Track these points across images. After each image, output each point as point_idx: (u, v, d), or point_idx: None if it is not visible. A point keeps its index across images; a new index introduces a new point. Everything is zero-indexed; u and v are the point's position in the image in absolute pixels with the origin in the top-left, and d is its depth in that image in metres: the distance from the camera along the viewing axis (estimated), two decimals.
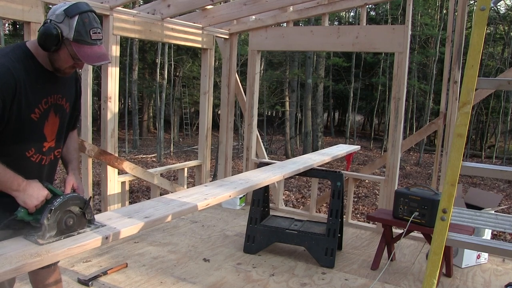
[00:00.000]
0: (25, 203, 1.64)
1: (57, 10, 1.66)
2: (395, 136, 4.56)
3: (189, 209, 2.24)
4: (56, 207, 1.64)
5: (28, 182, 1.67)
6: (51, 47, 1.65)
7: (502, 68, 16.20)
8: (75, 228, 1.73)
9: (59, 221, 1.66)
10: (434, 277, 1.59)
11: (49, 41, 1.64)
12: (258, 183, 2.88)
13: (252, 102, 5.47)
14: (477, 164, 1.77)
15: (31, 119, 1.71)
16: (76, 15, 1.63)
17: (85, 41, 1.65)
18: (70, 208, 1.70)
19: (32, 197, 1.65)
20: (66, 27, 1.63)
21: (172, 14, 4.52)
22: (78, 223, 1.74)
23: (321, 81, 15.67)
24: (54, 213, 1.63)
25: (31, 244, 1.61)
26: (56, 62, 1.71)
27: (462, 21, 4.23)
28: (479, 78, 1.61)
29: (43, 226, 1.61)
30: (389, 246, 3.84)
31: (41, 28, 1.64)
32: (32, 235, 1.65)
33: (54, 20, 1.65)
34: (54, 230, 1.65)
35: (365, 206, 9.08)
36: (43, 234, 1.62)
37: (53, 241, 1.64)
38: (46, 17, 1.68)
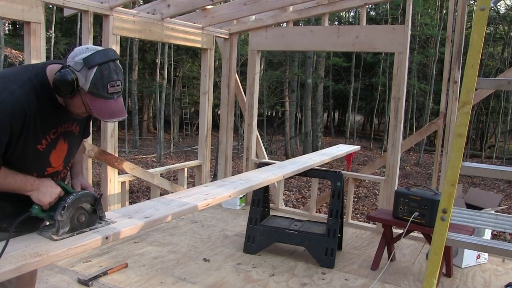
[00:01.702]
0: (39, 201, 1.68)
1: (77, 56, 1.61)
2: (395, 136, 4.56)
3: (189, 209, 2.24)
4: (69, 204, 1.69)
5: (41, 180, 1.70)
6: (65, 94, 1.60)
7: (502, 68, 16.20)
8: (87, 225, 1.78)
9: (72, 218, 1.71)
10: (434, 277, 1.59)
11: (63, 87, 1.58)
12: (258, 183, 2.88)
13: (252, 102, 5.47)
14: (477, 164, 1.77)
15: (37, 150, 1.70)
16: (95, 66, 1.57)
17: (100, 95, 1.60)
18: (82, 205, 1.75)
19: (46, 194, 1.68)
20: (83, 77, 1.58)
21: (172, 14, 4.52)
22: (90, 220, 1.79)
23: (321, 81, 15.67)
24: (67, 210, 1.68)
25: (32, 244, 1.61)
26: (70, 106, 1.69)
27: (462, 21, 4.23)
28: (479, 78, 1.61)
29: (57, 222, 1.67)
30: (389, 246, 3.84)
31: (57, 74, 1.59)
32: (46, 231, 1.70)
33: (72, 67, 1.59)
34: (67, 226, 1.70)
35: (365, 206, 9.08)
36: (57, 230, 1.67)
37: (67, 237, 1.69)
38: (66, 61, 1.63)
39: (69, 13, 4.35)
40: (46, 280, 3.21)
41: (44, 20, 3.46)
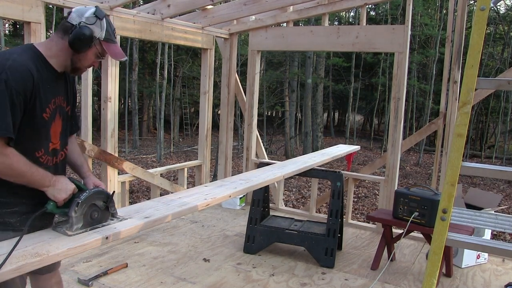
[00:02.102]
0: (54, 197, 1.72)
1: (85, 13, 1.75)
2: (395, 136, 4.56)
3: (189, 209, 2.24)
4: (83, 201, 1.73)
5: (57, 177, 1.76)
6: (84, 48, 1.74)
7: (502, 68, 16.20)
8: (100, 221, 1.82)
9: (85, 214, 1.76)
10: (434, 277, 1.59)
11: (83, 41, 1.72)
12: (258, 183, 2.88)
13: (252, 102, 5.47)
14: (477, 164, 1.77)
15: (43, 118, 1.75)
16: (104, 17, 1.77)
17: (112, 40, 1.82)
18: (95, 202, 1.80)
19: (61, 191, 1.73)
20: (98, 28, 1.75)
21: (172, 14, 4.52)
22: (102, 216, 1.84)
23: (321, 81, 15.67)
24: (81, 206, 1.73)
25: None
26: (80, 61, 1.80)
27: (462, 21, 4.23)
28: (479, 78, 1.61)
29: (71, 218, 1.71)
30: (389, 246, 3.84)
31: (74, 32, 1.71)
32: (60, 227, 1.74)
33: (85, 22, 1.73)
34: (81, 222, 1.74)
35: (365, 206, 9.08)
36: (71, 226, 1.72)
37: (80, 233, 1.73)
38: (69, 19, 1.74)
39: None
40: None
41: (44, 20, 3.46)
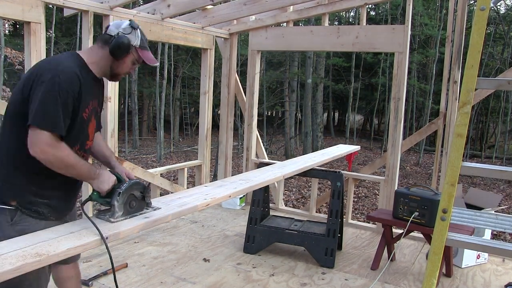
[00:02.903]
0: (98, 188, 1.91)
1: (122, 24, 1.98)
2: (395, 136, 4.56)
3: (189, 209, 2.24)
4: (123, 191, 1.90)
5: (100, 170, 1.94)
6: (123, 54, 1.96)
7: (502, 68, 16.20)
8: (137, 209, 1.99)
9: (125, 203, 1.93)
10: (434, 277, 1.59)
11: (122, 49, 1.94)
12: (258, 183, 2.88)
13: (252, 102, 5.47)
14: (477, 164, 1.77)
15: (83, 118, 1.94)
16: (138, 27, 2.00)
17: (146, 47, 2.04)
18: (133, 192, 1.96)
19: (104, 183, 1.91)
20: (133, 37, 1.97)
21: (172, 14, 4.52)
22: (139, 205, 2.00)
23: (321, 81, 15.68)
24: (122, 196, 1.90)
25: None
26: (118, 67, 2.02)
27: (462, 21, 4.23)
28: (479, 78, 1.61)
29: (113, 207, 1.88)
30: (389, 246, 3.84)
31: (114, 41, 1.93)
32: (103, 215, 1.91)
33: (123, 32, 1.95)
34: (121, 211, 1.91)
35: (365, 206, 9.08)
36: (113, 214, 1.88)
37: (121, 220, 1.90)
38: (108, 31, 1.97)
39: (69, 13, 4.34)
40: None
41: (44, 20, 3.46)
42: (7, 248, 1.56)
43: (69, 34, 17.32)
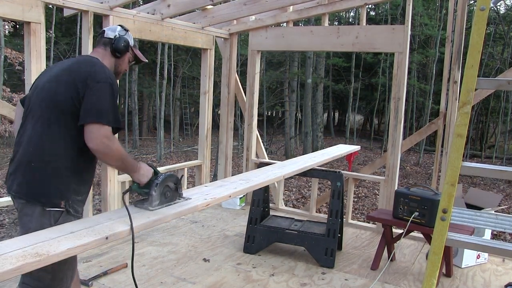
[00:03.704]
0: (139, 180, 2.08)
1: (116, 29, 2.24)
2: (395, 136, 4.56)
3: (189, 209, 2.24)
4: (160, 182, 2.08)
5: (141, 163, 2.11)
6: (124, 53, 2.23)
7: (502, 68, 16.20)
8: (171, 199, 2.17)
9: (161, 193, 2.10)
10: (434, 277, 1.59)
11: (124, 47, 2.21)
12: (258, 183, 2.87)
13: (252, 102, 5.47)
14: (477, 164, 1.77)
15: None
16: (128, 30, 2.28)
17: (136, 46, 2.32)
18: (168, 184, 2.14)
19: (144, 175, 2.08)
20: (129, 37, 2.25)
21: (172, 14, 4.52)
22: (173, 196, 2.18)
23: (321, 81, 15.68)
24: (159, 187, 2.08)
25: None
26: (120, 65, 2.26)
27: (462, 21, 4.23)
28: (479, 78, 1.61)
29: (152, 196, 2.05)
30: (389, 246, 3.84)
31: (117, 41, 2.19)
32: (141, 204, 2.09)
33: (119, 34, 2.22)
34: (158, 200, 2.08)
35: (365, 206, 9.08)
36: (151, 203, 2.06)
37: (158, 208, 2.07)
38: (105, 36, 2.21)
39: (69, 13, 4.34)
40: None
41: (44, 20, 3.46)
42: (7, 248, 1.56)
43: (69, 34, 17.32)
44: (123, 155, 1.96)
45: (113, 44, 2.19)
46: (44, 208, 1.92)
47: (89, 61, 2.07)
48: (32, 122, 1.98)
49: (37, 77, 2.21)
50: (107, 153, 1.89)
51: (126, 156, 1.99)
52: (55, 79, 2.00)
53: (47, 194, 1.93)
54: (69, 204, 1.99)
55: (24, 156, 1.95)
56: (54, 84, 1.98)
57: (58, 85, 1.96)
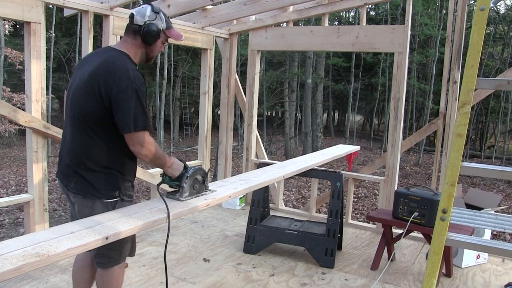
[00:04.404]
0: (171, 174, 2.26)
1: (145, 12, 2.16)
2: (394, 136, 4.56)
3: (189, 209, 2.24)
4: (190, 175, 2.27)
5: (172, 159, 2.27)
6: (155, 40, 2.20)
7: (501, 68, 16.20)
8: (199, 191, 2.37)
9: (191, 185, 2.30)
10: (434, 277, 1.59)
11: (154, 35, 2.18)
12: (258, 183, 2.88)
13: (252, 102, 5.47)
14: (477, 164, 1.77)
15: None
16: (159, 11, 2.21)
17: (170, 26, 2.27)
18: (196, 177, 2.33)
19: (176, 170, 2.26)
20: (159, 21, 2.19)
21: (172, 14, 4.51)
22: (200, 187, 2.37)
23: (321, 81, 15.67)
24: (189, 179, 2.27)
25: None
26: (153, 51, 2.26)
27: (462, 21, 4.24)
28: (479, 78, 1.61)
29: (183, 188, 2.26)
30: (389, 246, 3.84)
31: (144, 31, 2.15)
32: (173, 195, 2.29)
33: (149, 20, 2.16)
34: (188, 192, 2.29)
35: (365, 206, 9.08)
36: (182, 194, 2.26)
37: (188, 199, 2.28)
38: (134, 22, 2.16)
39: (69, 13, 4.34)
40: (46, 280, 3.21)
41: (44, 20, 3.46)
42: (7, 248, 1.57)
43: (69, 34, 17.32)
44: (158, 154, 2.14)
45: (142, 33, 2.15)
46: (102, 200, 2.15)
47: (112, 65, 2.05)
48: (70, 125, 2.16)
49: (77, 64, 2.36)
50: (146, 155, 2.09)
51: (161, 154, 2.16)
52: (84, 87, 2.07)
53: (103, 190, 2.14)
54: (122, 192, 2.21)
55: (73, 160, 2.14)
56: (83, 95, 2.07)
57: (86, 95, 2.05)
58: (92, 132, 2.08)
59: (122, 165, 2.19)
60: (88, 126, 2.08)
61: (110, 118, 2.04)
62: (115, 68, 2.03)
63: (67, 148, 2.17)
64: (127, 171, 2.24)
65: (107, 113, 2.03)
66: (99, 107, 2.03)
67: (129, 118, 1.99)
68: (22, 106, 10.06)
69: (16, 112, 3.38)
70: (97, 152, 2.10)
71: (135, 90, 2.01)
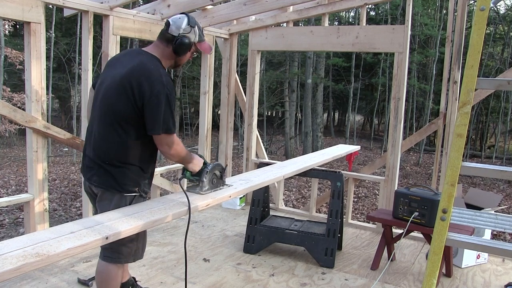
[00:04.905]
0: (192, 169, 2.43)
1: (181, 24, 2.31)
2: (395, 136, 4.56)
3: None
4: (209, 170, 2.45)
5: (194, 155, 2.44)
6: (185, 52, 2.36)
7: (502, 68, 16.20)
8: (217, 185, 2.53)
9: (210, 180, 2.47)
10: (434, 277, 1.59)
11: (185, 48, 2.33)
12: (258, 183, 2.88)
13: (252, 102, 5.47)
14: (477, 164, 1.77)
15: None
16: (195, 24, 2.35)
17: (203, 39, 2.43)
18: (215, 172, 2.51)
19: (197, 165, 2.44)
20: (192, 35, 2.34)
21: (172, 14, 4.50)
22: (218, 182, 2.55)
23: (321, 81, 15.66)
24: (208, 174, 2.45)
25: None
26: (181, 60, 2.42)
27: (462, 21, 4.23)
28: (479, 78, 1.61)
29: (202, 182, 2.44)
30: (389, 246, 3.84)
31: (177, 43, 2.30)
32: (193, 189, 2.46)
33: (183, 33, 2.31)
34: (207, 186, 2.46)
35: (365, 206, 9.08)
36: (202, 188, 2.44)
37: (208, 192, 2.45)
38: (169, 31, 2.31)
39: (69, 13, 4.34)
40: (46, 280, 3.21)
41: (44, 20, 3.46)
42: (7, 248, 1.57)
43: (69, 34, 17.31)
44: (183, 153, 2.32)
45: (174, 44, 2.29)
46: (122, 194, 2.29)
47: (147, 69, 2.19)
48: (98, 123, 2.29)
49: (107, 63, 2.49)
50: (173, 155, 2.27)
51: (185, 153, 2.34)
52: (116, 87, 2.20)
53: (124, 185, 2.28)
54: (140, 188, 2.36)
55: (98, 155, 2.28)
56: (115, 95, 2.21)
57: (118, 96, 2.19)
58: (121, 130, 2.22)
59: (144, 162, 2.34)
60: (118, 124, 2.21)
61: (140, 118, 2.19)
62: (149, 72, 2.18)
63: (93, 144, 2.30)
64: (148, 168, 2.39)
65: (138, 113, 2.18)
66: (131, 107, 2.17)
67: (159, 120, 2.15)
68: (22, 106, 10.07)
69: (16, 112, 3.38)
70: (122, 149, 2.24)
71: (167, 95, 2.16)
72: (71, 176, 10.93)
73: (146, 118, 2.17)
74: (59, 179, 10.43)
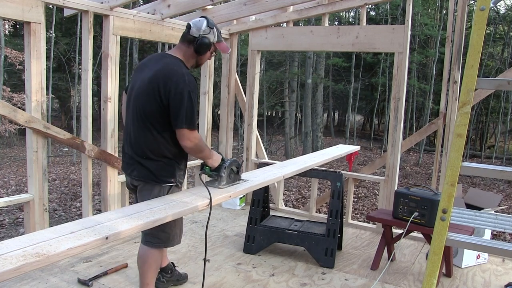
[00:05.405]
0: (211, 165, 2.58)
1: (201, 26, 2.51)
2: (395, 136, 4.56)
3: (189, 209, 2.24)
4: (227, 166, 2.59)
5: (213, 151, 2.61)
6: (205, 52, 2.57)
7: (501, 68, 16.19)
8: (234, 180, 2.67)
9: (227, 175, 2.60)
10: (434, 277, 1.59)
11: (205, 48, 2.54)
12: (258, 183, 2.88)
13: (252, 102, 5.47)
14: (477, 164, 1.77)
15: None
16: (214, 26, 2.56)
17: (221, 40, 2.63)
18: (232, 167, 2.63)
19: (216, 161, 2.59)
20: (212, 35, 2.55)
21: (172, 14, 4.52)
22: (235, 177, 2.68)
23: (321, 81, 15.66)
24: (226, 170, 2.59)
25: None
26: (202, 60, 2.64)
27: (462, 21, 4.23)
28: (479, 78, 1.61)
29: (221, 177, 2.57)
30: (389, 246, 3.84)
31: (198, 43, 2.51)
32: (212, 184, 2.59)
33: (203, 34, 2.51)
34: (225, 181, 2.59)
35: (365, 206, 9.08)
36: (220, 182, 2.57)
37: (226, 187, 2.59)
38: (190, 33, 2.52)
39: (69, 13, 4.34)
40: (46, 280, 3.21)
41: (44, 20, 3.46)
42: (7, 248, 1.57)
43: (69, 34, 17.31)
44: (203, 148, 2.49)
45: (195, 44, 2.51)
46: (160, 185, 2.52)
47: (170, 70, 2.41)
48: (133, 123, 2.53)
49: (136, 68, 2.72)
50: (193, 148, 2.44)
51: (206, 149, 2.52)
52: (146, 89, 2.44)
53: (161, 177, 2.51)
54: (176, 179, 2.58)
55: (136, 152, 2.52)
56: (145, 96, 2.44)
57: (148, 96, 2.42)
58: (153, 128, 2.44)
59: (177, 156, 2.54)
60: (150, 123, 2.43)
61: (167, 116, 2.39)
62: (172, 73, 2.39)
63: (131, 142, 2.55)
64: (181, 161, 2.61)
65: (165, 111, 2.38)
66: (159, 106, 2.38)
67: (181, 116, 2.34)
68: (22, 106, 10.06)
69: (16, 112, 3.38)
70: (157, 144, 2.46)
71: (189, 92, 2.35)
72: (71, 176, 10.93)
73: (171, 114, 2.37)
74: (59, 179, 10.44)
